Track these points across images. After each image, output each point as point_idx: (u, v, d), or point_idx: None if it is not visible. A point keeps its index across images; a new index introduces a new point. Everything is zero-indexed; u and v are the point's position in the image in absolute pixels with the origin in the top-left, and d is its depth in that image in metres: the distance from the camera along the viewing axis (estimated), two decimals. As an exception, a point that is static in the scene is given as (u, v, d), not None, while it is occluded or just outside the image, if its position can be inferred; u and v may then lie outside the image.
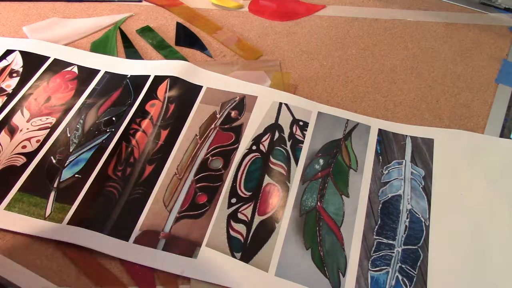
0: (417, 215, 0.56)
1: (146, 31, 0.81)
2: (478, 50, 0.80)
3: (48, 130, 0.63)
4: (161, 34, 0.80)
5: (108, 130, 0.63)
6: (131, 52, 0.76)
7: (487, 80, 0.75)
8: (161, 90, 0.68)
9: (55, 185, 0.58)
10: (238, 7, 0.87)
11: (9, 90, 0.68)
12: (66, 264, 0.52)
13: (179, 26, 0.82)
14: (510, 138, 0.65)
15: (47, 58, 0.73)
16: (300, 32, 0.82)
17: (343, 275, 0.51)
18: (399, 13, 0.87)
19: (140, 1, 0.87)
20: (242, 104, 0.67)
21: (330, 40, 0.81)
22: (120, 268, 0.52)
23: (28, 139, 0.62)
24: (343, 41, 0.81)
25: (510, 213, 0.57)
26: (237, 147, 0.62)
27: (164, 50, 0.77)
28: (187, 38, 0.80)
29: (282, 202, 0.57)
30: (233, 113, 0.66)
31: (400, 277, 0.51)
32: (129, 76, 0.71)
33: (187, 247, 0.53)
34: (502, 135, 0.66)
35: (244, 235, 0.54)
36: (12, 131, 0.63)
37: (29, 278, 0.51)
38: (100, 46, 0.77)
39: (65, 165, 0.60)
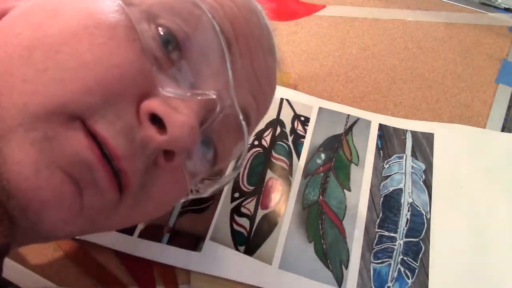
0: (418, 208, 0.58)
1: (146, 32, 0.82)
2: (478, 50, 0.81)
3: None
4: (162, 34, 0.81)
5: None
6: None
7: (487, 80, 0.76)
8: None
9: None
10: (238, 8, 0.88)
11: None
12: (66, 264, 0.53)
13: (180, 27, 0.83)
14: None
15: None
16: (300, 32, 0.83)
17: (346, 268, 0.53)
18: (399, 13, 0.88)
19: (141, 2, 0.88)
20: (243, 100, 0.68)
21: (330, 40, 0.82)
22: (120, 268, 0.53)
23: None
24: (343, 41, 0.82)
25: (510, 206, 0.59)
26: (239, 143, 0.64)
27: (165, 50, 0.78)
28: (187, 39, 0.81)
29: (285, 196, 0.59)
30: (235, 109, 0.67)
31: (402, 269, 0.53)
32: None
33: (191, 241, 0.54)
34: (502, 135, 0.67)
35: (248, 229, 0.56)
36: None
37: (29, 278, 0.51)
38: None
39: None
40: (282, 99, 0.69)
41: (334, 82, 0.74)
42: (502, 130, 0.68)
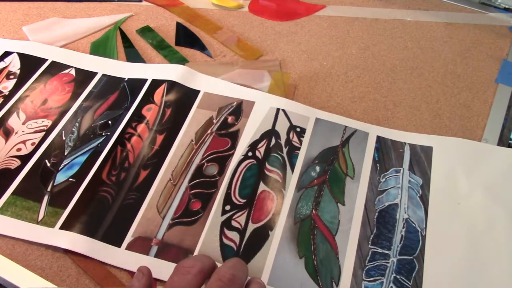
0: (413, 224, 0.53)
1: (146, 31, 0.78)
2: (478, 50, 0.78)
3: (44, 133, 0.61)
4: (161, 34, 0.78)
5: (103, 134, 0.61)
6: (131, 52, 0.74)
7: (487, 80, 0.73)
8: (158, 94, 0.66)
9: (48, 189, 0.55)
10: (238, 7, 0.85)
11: (6, 92, 0.66)
12: (66, 265, 0.50)
13: (179, 26, 0.80)
14: (510, 141, 0.63)
15: (44, 60, 0.71)
16: (300, 32, 0.80)
17: (337, 285, 0.49)
18: (399, 13, 0.86)
19: (140, 1, 0.85)
20: (239, 110, 0.64)
21: (330, 40, 0.79)
22: (120, 268, 0.50)
23: (23, 142, 0.60)
24: (343, 41, 0.79)
25: (507, 223, 0.54)
26: (233, 153, 0.59)
27: (164, 50, 0.75)
28: (187, 38, 0.78)
29: (277, 209, 0.54)
30: (229, 119, 0.63)
31: (394, 288, 0.49)
32: (126, 79, 0.69)
33: (180, 254, 0.50)
34: (502, 135, 0.64)
35: (237, 243, 0.51)
36: (8, 133, 0.61)
37: (29, 278, 0.49)
38: (100, 46, 0.75)
39: (60, 168, 0.57)
40: (278, 110, 0.64)
41: (334, 82, 0.71)
42: (502, 130, 0.65)
